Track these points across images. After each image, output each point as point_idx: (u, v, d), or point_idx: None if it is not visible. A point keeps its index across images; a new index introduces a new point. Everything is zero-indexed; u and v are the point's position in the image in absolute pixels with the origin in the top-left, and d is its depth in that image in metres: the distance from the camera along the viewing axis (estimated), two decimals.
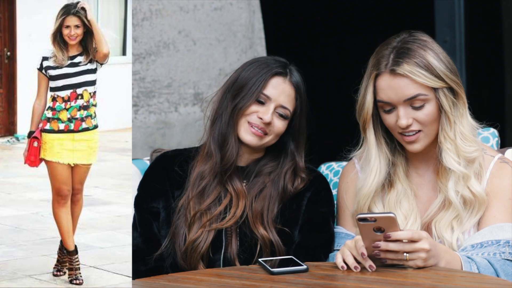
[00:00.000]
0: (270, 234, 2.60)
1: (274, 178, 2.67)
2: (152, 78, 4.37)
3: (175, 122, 4.44)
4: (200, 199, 2.64)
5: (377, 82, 2.54)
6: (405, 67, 2.49)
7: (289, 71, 2.68)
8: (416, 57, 2.50)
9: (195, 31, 4.43)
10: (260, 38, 4.60)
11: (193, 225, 2.61)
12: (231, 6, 4.51)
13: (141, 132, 4.38)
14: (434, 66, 2.50)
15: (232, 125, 2.64)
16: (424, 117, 2.52)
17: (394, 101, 2.51)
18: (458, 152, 2.54)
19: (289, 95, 2.66)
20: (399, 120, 2.51)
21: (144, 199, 2.72)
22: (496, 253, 2.46)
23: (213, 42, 4.47)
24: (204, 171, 2.66)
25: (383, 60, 2.52)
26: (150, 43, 4.36)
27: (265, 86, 2.63)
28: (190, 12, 4.42)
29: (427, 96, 2.50)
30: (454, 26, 4.90)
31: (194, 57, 4.43)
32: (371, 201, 2.62)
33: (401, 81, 2.49)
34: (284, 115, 2.65)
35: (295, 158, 2.69)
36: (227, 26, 4.50)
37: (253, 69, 2.67)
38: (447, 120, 2.54)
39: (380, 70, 2.52)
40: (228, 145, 2.64)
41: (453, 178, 2.54)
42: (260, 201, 2.63)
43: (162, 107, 4.41)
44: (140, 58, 4.35)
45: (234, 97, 2.65)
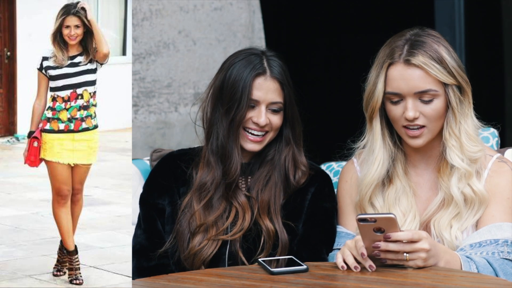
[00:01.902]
0: (276, 224, 2.60)
1: (275, 164, 2.67)
2: (152, 78, 4.37)
3: (175, 122, 4.44)
4: (205, 210, 2.64)
5: (389, 71, 2.53)
6: (420, 58, 2.49)
7: (268, 65, 2.64)
8: (430, 50, 2.51)
9: (195, 31, 4.43)
10: (260, 38, 4.60)
11: (198, 235, 2.61)
12: (231, 6, 4.51)
13: (141, 132, 4.38)
14: (447, 61, 2.51)
15: (233, 139, 2.63)
16: (431, 112, 2.51)
17: (404, 92, 2.51)
18: (463, 150, 2.54)
19: (275, 90, 2.64)
20: (407, 112, 2.51)
21: (150, 195, 2.72)
22: (495, 253, 2.46)
23: (213, 42, 4.47)
24: (206, 182, 2.65)
25: (397, 50, 2.52)
26: (150, 43, 4.36)
27: (251, 92, 2.61)
28: (190, 12, 4.42)
29: (437, 92, 2.51)
30: (454, 26, 4.90)
31: (194, 57, 4.43)
32: (372, 194, 2.61)
33: (415, 72, 2.50)
34: (277, 109, 2.65)
35: (291, 144, 2.68)
36: (227, 26, 4.50)
37: (235, 73, 2.64)
38: (453, 117, 2.54)
39: (394, 60, 2.52)
40: (232, 159, 2.63)
41: (456, 175, 2.54)
42: (267, 192, 2.64)
43: (162, 107, 4.41)
44: (140, 58, 4.35)
45: (227, 110, 2.63)
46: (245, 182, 2.69)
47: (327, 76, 5.66)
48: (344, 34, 5.89)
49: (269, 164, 2.69)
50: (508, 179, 2.56)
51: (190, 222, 2.63)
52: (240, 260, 2.59)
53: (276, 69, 2.65)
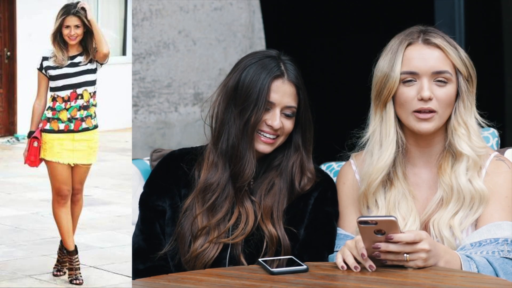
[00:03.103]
0: (278, 230, 2.59)
1: (282, 171, 2.66)
2: (152, 78, 4.37)
3: (175, 122, 4.44)
4: (209, 212, 2.62)
5: (407, 51, 2.55)
6: (438, 39, 2.55)
7: (285, 68, 2.63)
8: (446, 37, 2.58)
9: (195, 31, 4.43)
10: (260, 38, 4.60)
11: (200, 238, 2.59)
12: (231, 6, 4.51)
13: (141, 132, 4.38)
14: (460, 51, 2.57)
15: (248, 140, 2.60)
16: (444, 96, 2.52)
17: (422, 71, 2.52)
18: (471, 140, 2.55)
19: (291, 94, 2.63)
20: (422, 91, 2.50)
21: (149, 196, 2.71)
22: (495, 252, 2.46)
23: (213, 42, 4.47)
24: (212, 183, 2.63)
25: (415, 33, 2.58)
26: (150, 43, 4.36)
27: (269, 94, 2.60)
28: (190, 12, 4.42)
29: (451, 76, 2.54)
30: (454, 26, 4.90)
31: (194, 57, 4.43)
32: (375, 192, 2.60)
33: (434, 51, 2.54)
34: (291, 114, 2.64)
35: (300, 150, 2.67)
36: (227, 26, 4.50)
37: (251, 74, 2.62)
38: (463, 105, 2.56)
39: (413, 39, 2.56)
40: (244, 161, 2.60)
41: (464, 164, 2.54)
42: (270, 197, 2.63)
43: (162, 107, 4.41)
44: (140, 58, 4.36)
45: (241, 111, 2.60)
46: (248, 185, 2.68)
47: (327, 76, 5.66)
48: (344, 34, 5.89)
49: (275, 170, 2.67)
50: (506, 177, 2.56)
51: (192, 224, 2.61)
52: (242, 264, 2.58)
53: (293, 73, 2.65)
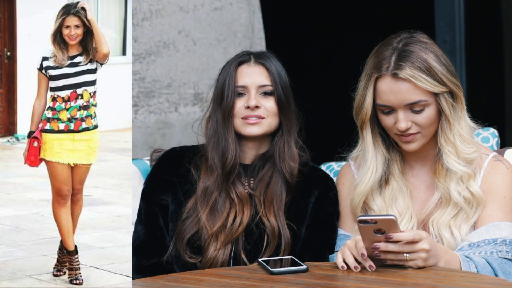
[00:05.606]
0: (279, 221, 2.60)
1: (274, 160, 2.68)
2: (152, 78, 4.38)
3: (175, 122, 4.44)
4: (212, 216, 2.63)
5: (378, 84, 2.52)
6: (407, 71, 2.47)
7: (252, 55, 2.72)
8: (418, 60, 2.48)
9: (195, 31, 4.43)
10: (260, 38, 4.60)
11: (212, 245, 2.61)
12: (231, 6, 4.52)
13: (141, 132, 4.38)
14: (436, 70, 2.49)
15: (227, 125, 2.66)
16: (423, 120, 2.52)
17: (395, 104, 2.51)
18: (458, 154, 2.54)
19: (261, 73, 2.69)
20: (398, 123, 2.51)
21: (153, 190, 2.72)
22: (494, 252, 2.46)
23: (213, 42, 4.48)
24: (209, 186, 2.66)
25: (385, 62, 2.51)
26: (150, 43, 4.36)
27: (236, 79, 2.67)
28: (190, 12, 4.43)
29: (427, 101, 2.50)
30: (454, 26, 4.90)
31: (194, 57, 4.43)
32: (369, 197, 2.62)
33: (403, 85, 2.48)
34: (268, 92, 2.68)
35: (283, 134, 2.69)
36: (227, 26, 4.50)
37: (222, 72, 2.73)
38: (447, 123, 2.54)
39: (382, 73, 2.51)
40: (228, 149, 2.65)
41: (454, 179, 2.55)
42: (270, 189, 2.65)
43: (162, 107, 4.41)
44: (140, 58, 4.36)
45: (219, 104, 2.69)
46: (248, 184, 2.69)
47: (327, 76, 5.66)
48: (343, 34, 5.90)
49: (271, 162, 2.69)
50: (504, 178, 2.56)
51: (197, 229, 2.62)
52: (243, 261, 2.59)
53: (261, 55, 2.72)
